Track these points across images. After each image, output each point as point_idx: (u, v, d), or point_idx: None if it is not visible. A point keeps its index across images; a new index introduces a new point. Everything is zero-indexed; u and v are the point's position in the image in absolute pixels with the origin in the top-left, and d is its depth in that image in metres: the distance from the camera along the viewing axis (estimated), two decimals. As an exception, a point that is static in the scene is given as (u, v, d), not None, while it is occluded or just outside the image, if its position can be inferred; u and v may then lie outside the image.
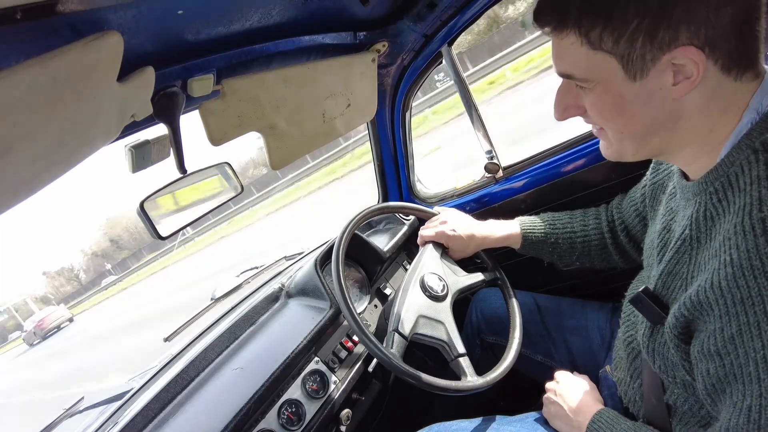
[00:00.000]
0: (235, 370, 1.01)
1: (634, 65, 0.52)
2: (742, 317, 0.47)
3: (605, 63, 0.53)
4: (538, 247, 1.05)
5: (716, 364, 0.51)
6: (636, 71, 0.52)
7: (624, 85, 0.54)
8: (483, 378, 0.90)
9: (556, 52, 0.57)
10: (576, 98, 0.59)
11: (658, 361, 0.65)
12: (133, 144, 0.72)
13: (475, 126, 1.30)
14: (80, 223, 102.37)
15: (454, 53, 1.22)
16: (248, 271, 1.53)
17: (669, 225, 0.66)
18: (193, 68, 0.71)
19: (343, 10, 0.90)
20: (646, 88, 0.53)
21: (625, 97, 0.54)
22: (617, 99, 0.55)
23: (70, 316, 22.77)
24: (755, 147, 0.51)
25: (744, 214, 0.49)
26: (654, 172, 0.79)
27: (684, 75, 0.51)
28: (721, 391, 0.52)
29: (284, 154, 0.93)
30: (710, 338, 0.51)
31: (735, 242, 0.49)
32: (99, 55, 0.45)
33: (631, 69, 0.52)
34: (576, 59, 0.55)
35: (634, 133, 0.57)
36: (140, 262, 34.78)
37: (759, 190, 0.49)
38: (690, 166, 0.60)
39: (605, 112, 0.57)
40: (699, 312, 0.52)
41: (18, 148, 0.41)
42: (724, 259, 0.50)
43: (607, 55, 0.53)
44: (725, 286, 0.49)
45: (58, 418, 1.17)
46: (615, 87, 0.54)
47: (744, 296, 0.47)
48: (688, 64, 0.50)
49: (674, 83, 0.51)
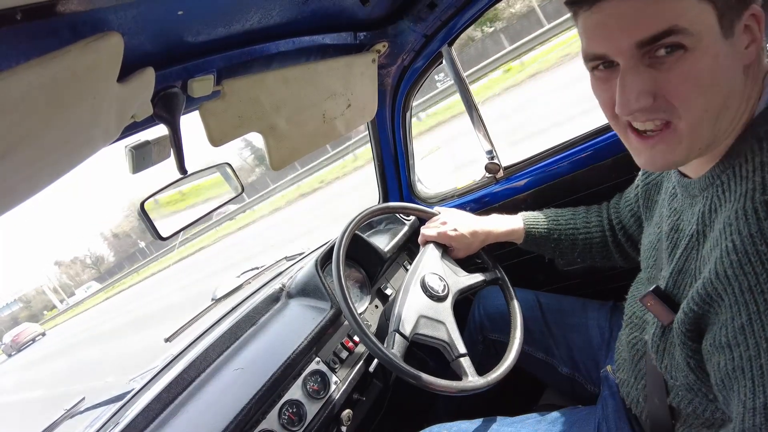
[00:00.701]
0: (235, 370, 1.02)
1: (728, 19, 0.47)
2: (752, 306, 0.45)
3: (707, 14, 0.46)
4: (540, 243, 1.05)
5: (726, 356, 0.48)
6: (728, 27, 0.47)
7: (719, 43, 0.47)
8: (484, 378, 0.90)
9: (655, 5, 0.47)
10: (650, 81, 0.49)
11: (666, 360, 0.63)
12: (134, 145, 0.72)
13: (475, 126, 1.30)
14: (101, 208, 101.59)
15: (454, 53, 1.22)
16: (249, 271, 1.53)
17: (677, 225, 0.64)
18: (194, 69, 0.71)
19: (343, 10, 0.90)
20: (733, 49, 0.48)
21: (719, 60, 0.47)
22: (713, 62, 0.47)
23: (43, 331, 25.41)
24: (760, 136, 0.49)
25: (746, 199, 0.47)
26: (645, 171, 0.78)
27: (752, 38, 0.48)
28: (730, 387, 0.49)
29: (284, 154, 0.93)
30: (722, 329, 0.48)
31: (737, 227, 0.47)
32: (99, 56, 0.45)
33: (725, 24, 0.47)
34: (681, 7, 0.46)
35: (716, 110, 0.49)
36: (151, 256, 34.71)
37: (762, 176, 0.47)
38: (694, 162, 0.58)
39: (701, 80, 0.48)
40: (709, 305, 0.50)
41: (18, 148, 0.41)
42: (726, 246, 0.47)
43: (708, 5, 0.46)
44: (731, 274, 0.47)
45: (59, 419, 1.17)
46: (713, 46, 0.47)
47: (752, 283, 0.45)
48: (755, 26, 0.47)
49: (746, 46, 0.48)
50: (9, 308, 55.92)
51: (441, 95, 11.11)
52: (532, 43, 10.56)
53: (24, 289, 59.63)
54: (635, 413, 0.80)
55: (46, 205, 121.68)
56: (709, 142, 0.52)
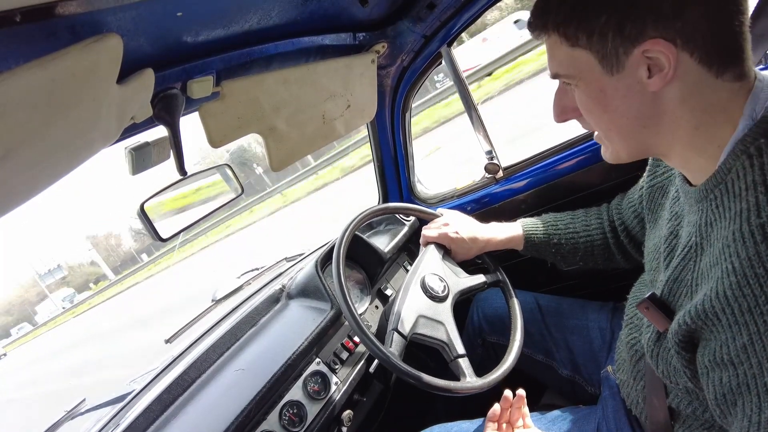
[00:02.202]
0: (236, 371, 1.01)
1: (610, 59, 0.54)
2: (752, 326, 0.47)
3: (584, 59, 0.55)
4: (541, 249, 1.05)
5: (730, 373, 0.50)
6: (612, 65, 0.54)
7: (603, 79, 0.55)
8: (482, 379, 0.89)
9: (547, 55, 0.60)
10: (571, 100, 0.61)
11: (662, 366, 0.64)
12: (133, 146, 0.72)
13: (475, 126, 1.30)
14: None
15: (453, 54, 1.22)
16: (249, 272, 1.53)
17: (676, 230, 0.65)
18: (193, 70, 0.71)
19: (342, 11, 0.90)
20: (624, 82, 0.54)
21: (606, 92, 0.56)
22: (599, 94, 0.57)
23: (4, 353, 29.13)
24: (750, 152, 0.50)
25: (742, 221, 0.49)
26: (651, 174, 0.79)
27: (658, 68, 0.52)
28: (732, 402, 0.51)
29: (284, 155, 0.93)
30: (722, 347, 0.50)
31: (735, 249, 0.48)
32: (98, 58, 0.45)
33: (607, 63, 0.54)
34: (560, 58, 0.58)
35: (621, 129, 0.59)
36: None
37: (756, 196, 0.48)
38: (689, 168, 0.59)
39: (590, 107, 0.59)
40: (704, 322, 0.52)
41: (18, 150, 0.41)
42: (726, 268, 0.49)
43: (584, 51, 0.55)
44: (731, 295, 0.48)
45: (59, 420, 1.17)
46: (595, 82, 0.56)
47: (751, 305, 0.47)
48: (660, 57, 0.51)
49: (649, 76, 0.52)
50: (52, 275, 56.57)
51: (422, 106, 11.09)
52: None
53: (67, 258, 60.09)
54: (635, 414, 0.80)
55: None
56: (642, 150, 0.61)
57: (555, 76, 0.61)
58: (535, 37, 0.60)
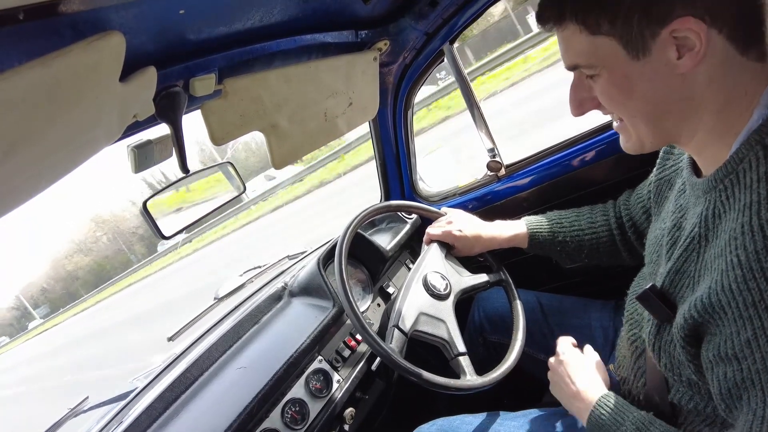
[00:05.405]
0: (238, 369, 1.02)
1: (635, 43, 0.52)
2: (756, 321, 0.47)
3: (607, 46, 0.53)
4: (545, 247, 1.04)
5: (734, 367, 0.50)
6: (638, 50, 0.52)
7: (628, 65, 0.54)
8: (482, 378, 0.89)
9: (562, 47, 0.58)
10: (589, 90, 0.60)
11: (664, 359, 0.64)
12: (136, 144, 0.72)
13: (477, 124, 1.30)
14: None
15: (455, 51, 1.22)
16: (251, 270, 1.53)
17: (680, 223, 0.65)
18: (195, 68, 0.71)
19: (344, 8, 0.90)
20: (650, 66, 0.53)
21: (631, 78, 0.54)
22: (624, 81, 0.55)
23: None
24: (765, 143, 0.50)
25: (751, 213, 0.48)
26: (660, 168, 0.78)
27: (687, 47, 0.50)
28: (738, 396, 0.51)
29: (286, 153, 0.93)
30: (727, 342, 0.50)
31: (742, 242, 0.48)
32: (101, 56, 0.45)
33: (632, 48, 0.52)
34: (579, 48, 0.56)
35: (647, 116, 0.57)
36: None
37: (767, 188, 0.48)
38: (703, 156, 0.59)
39: (615, 96, 0.57)
40: (710, 315, 0.51)
41: (21, 148, 0.41)
42: (731, 260, 0.49)
43: (606, 38, 0.53)
44: (736, 288, 0.48)
45: (63, 418, 1.17)
46: (619, 69, 0.54)
47: (756, 299, 0.46)
48: (689, 36, 0.49)
49: (678, 57, 0.51)
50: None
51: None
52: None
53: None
54: None
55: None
56: (667, 137, 0.59)
57: (573, 68, 0.59)
58: (546, 30, 0.58)
